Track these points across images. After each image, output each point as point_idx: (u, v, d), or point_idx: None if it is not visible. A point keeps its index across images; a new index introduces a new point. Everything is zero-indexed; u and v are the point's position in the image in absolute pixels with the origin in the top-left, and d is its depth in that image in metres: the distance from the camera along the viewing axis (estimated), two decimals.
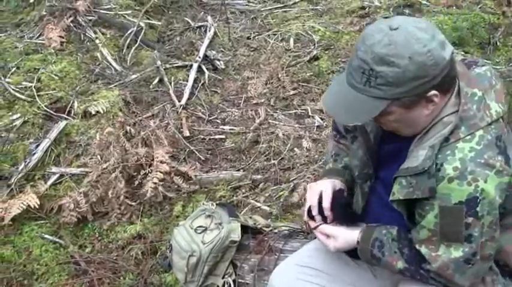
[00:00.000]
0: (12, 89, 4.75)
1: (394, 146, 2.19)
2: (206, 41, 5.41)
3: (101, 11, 5.72)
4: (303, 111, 4.66)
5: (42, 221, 3.90)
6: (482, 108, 1.94)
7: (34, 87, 4.78)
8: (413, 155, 1.98)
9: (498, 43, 5.03)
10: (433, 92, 1.87)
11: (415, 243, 2.06)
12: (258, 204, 3.89)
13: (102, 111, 4.47)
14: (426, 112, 1.93)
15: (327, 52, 5.25)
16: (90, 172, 3.98)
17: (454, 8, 5.73)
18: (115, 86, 4.88)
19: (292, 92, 4.84)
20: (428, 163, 1.89)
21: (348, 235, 2.28)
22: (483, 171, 1.86)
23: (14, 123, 4.46)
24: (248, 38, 5.61)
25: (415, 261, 2.09)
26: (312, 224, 2.39)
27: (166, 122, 4.50)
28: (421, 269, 2.08)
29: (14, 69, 5.05)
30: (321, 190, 2.39)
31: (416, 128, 2.01)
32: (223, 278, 3.15)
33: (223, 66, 5.21)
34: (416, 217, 2.04)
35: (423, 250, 2.03)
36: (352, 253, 2.42)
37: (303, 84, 4.92)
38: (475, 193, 1.86)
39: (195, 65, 5.12)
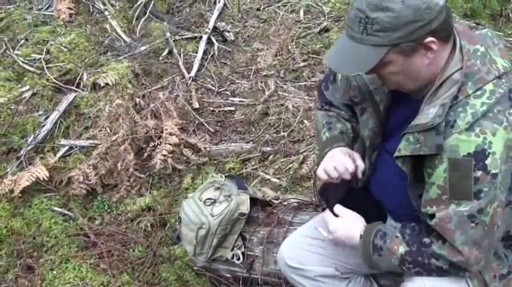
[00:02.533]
0: (21, 61, 4.75)
1: (402, 115, 2.20)
2: (216, 13, 5.36)
3: None
4: (313, 83, 4.62)
5: (51, 194, 3.91)
6: (488, 62, 1.96)
7: (43, 59, 4.76)
8: (424, 112, 1.99)
9: (510, 15, 4.96)
10: (430, 38, 1.89)
11: (425, 206, 2.05)
12: (268, 176, 3.89)
13: (111, 83, 4.44)
14: (426, 61, 1.95)
15: (337, 24, 5.19)
16: (99, 144, 3.98)
17: None
18: (124, 58, 4.85)
19: (302, 64, 4.81)
20: (438, 120, 1.91)
21: (352, 223, 2.30)
22: (492, 124, 1.88)
23: (23, 96, 4.46)
24: (258, 9, 5.55)
25: (417, 240, 2.10)
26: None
27: (175, 94, 4.49)
28: (422, 246, 2.08)
29: (23, 41, 5.04)
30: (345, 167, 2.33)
31: (419, 81, 2.03)
32: (232, 250, 3.17)
33: (232, 38, 5.17)
34: (426, 178, 2.03)
35: (431, 209, 2.03)
36: None
37: (313, 56, 4.88)
38: (483, 145, 1.87)
39: (205, 37, 5.08)
